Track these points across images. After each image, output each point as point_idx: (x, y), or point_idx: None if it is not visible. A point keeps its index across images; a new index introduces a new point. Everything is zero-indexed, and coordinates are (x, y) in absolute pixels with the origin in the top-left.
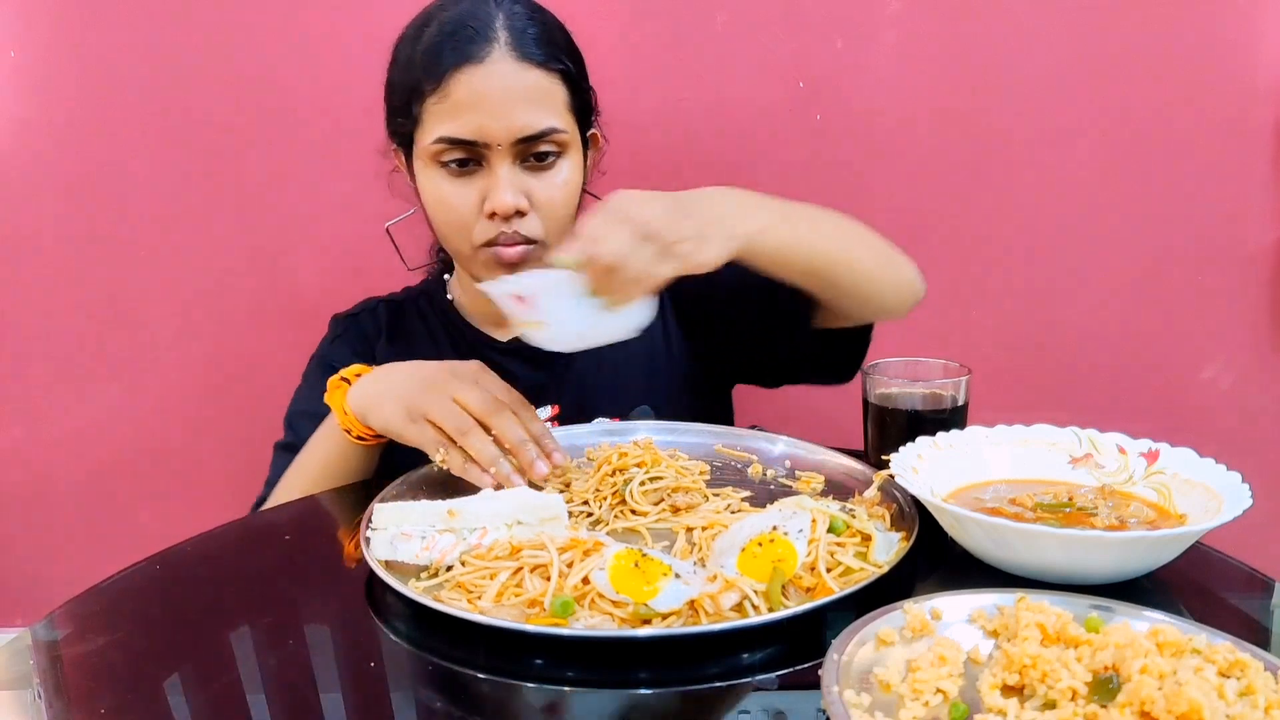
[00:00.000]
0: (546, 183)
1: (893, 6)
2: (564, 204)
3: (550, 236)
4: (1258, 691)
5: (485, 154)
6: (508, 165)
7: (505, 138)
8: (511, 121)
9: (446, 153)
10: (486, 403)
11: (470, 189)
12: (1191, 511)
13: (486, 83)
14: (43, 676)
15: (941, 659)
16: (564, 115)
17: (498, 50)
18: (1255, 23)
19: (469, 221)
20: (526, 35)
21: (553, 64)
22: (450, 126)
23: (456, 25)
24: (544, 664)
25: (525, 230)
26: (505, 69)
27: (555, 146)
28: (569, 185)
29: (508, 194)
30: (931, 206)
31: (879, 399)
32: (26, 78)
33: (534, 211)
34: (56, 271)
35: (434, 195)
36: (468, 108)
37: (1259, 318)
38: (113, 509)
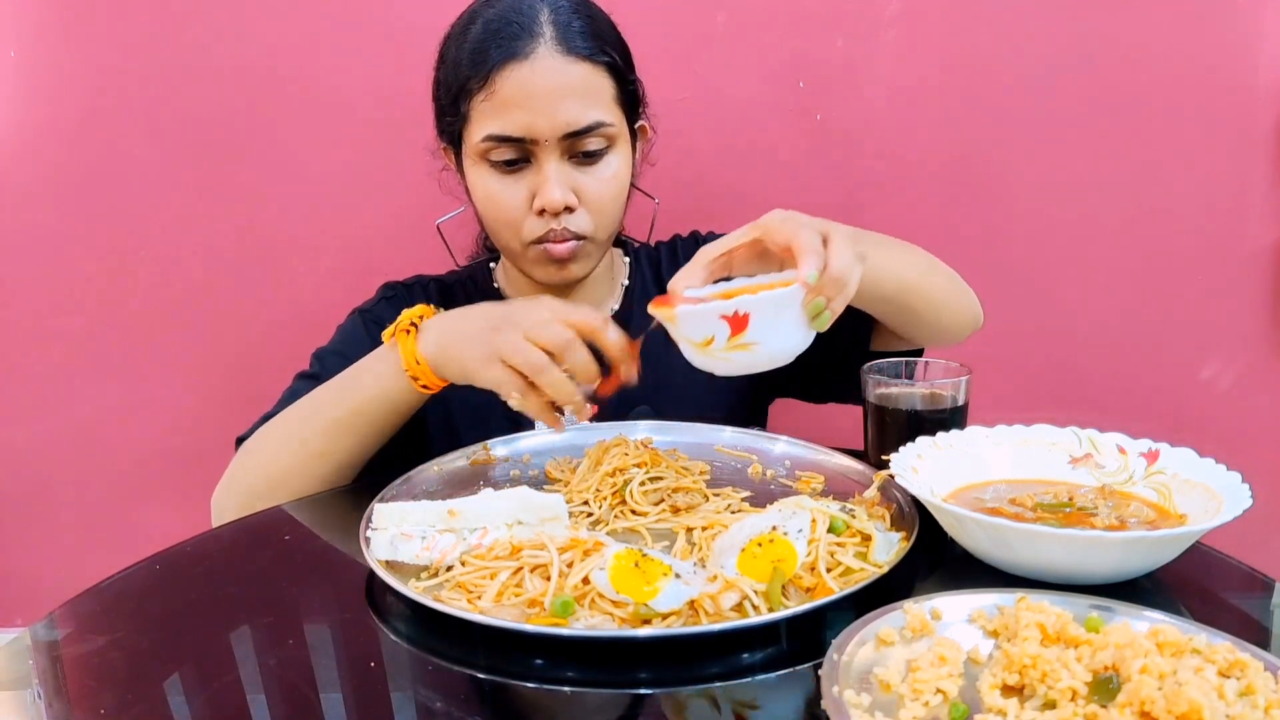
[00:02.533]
0: (595, 177)
1: (893, 6)
2: (613, 198)
3: (599, 232)
4: (1258, 691)
5: (533, 150)
6: (555, 161)
7: (552, 134)
8: (558, 117)
9: (495, 150)
10: (556, 336)
11: (519, 186)
12: (1191, 511)
13: (532, 79)
14: (43, 676)
15: (941, 659)
16: (611, 108)
17: (543, 46)
18: (1255, 23)
19: (518, 219)
20: (571, 29)
21: (599, 57)
22: (497, 124)
23: (501, 22)
24: (544, 664)
25: (574, 226)
26: (550, 64)
27: (603, 140)
28: (618, 179)
29: (556, 190)
30: (931, 206)
31: (879, 399)
32: (26, 78)
33: (583, 207)
34: (57, 271)
35: (483, 193)
36: (514, 105)
37: (1259, 318)
38: (113, 509)
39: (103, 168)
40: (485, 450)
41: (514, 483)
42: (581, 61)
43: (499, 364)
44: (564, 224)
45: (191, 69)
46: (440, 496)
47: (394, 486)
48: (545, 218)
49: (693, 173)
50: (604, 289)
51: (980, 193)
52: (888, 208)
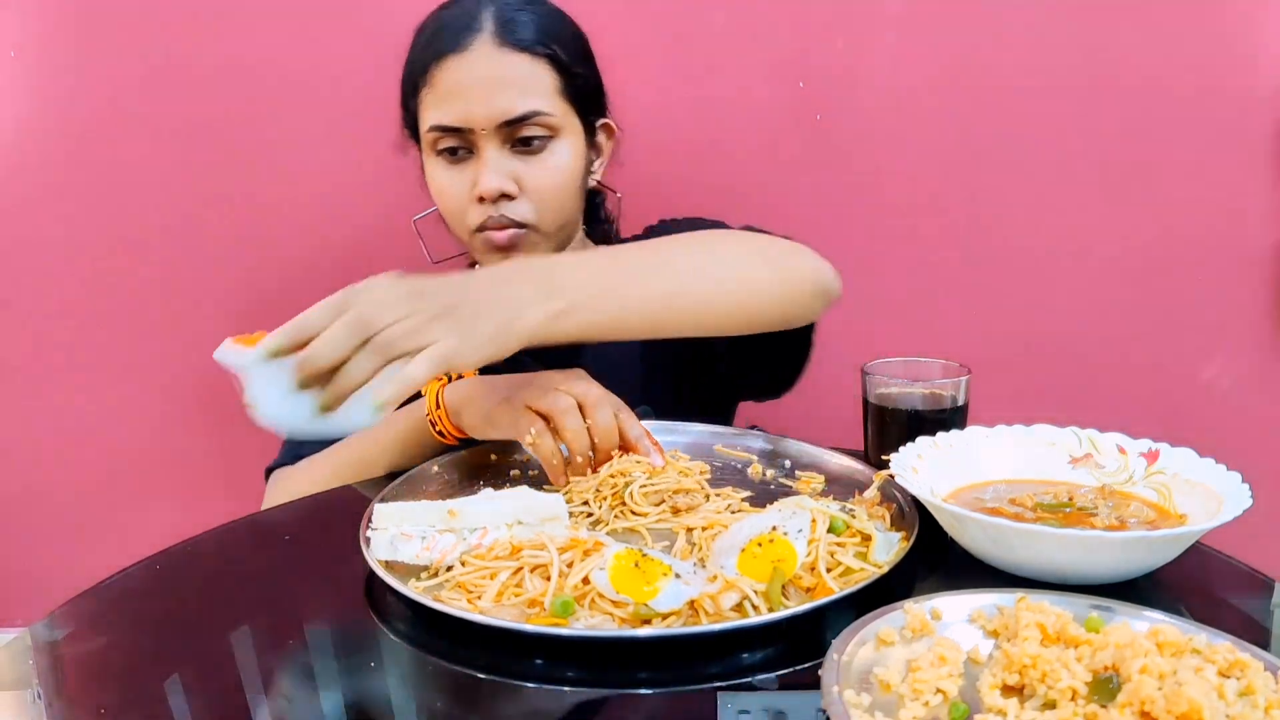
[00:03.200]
0: (537, 167)
1: (893, 6)
2: (556, 188)
3: (543, 222)
4: (1257, 691)
5: (474, 140)
6: (494, 149)
7: (488, 122)
8: (493, 105)
9: (440, 141)
10: (590, 393)
11: (463, 175)
12: (1191, 511)
13: (469, 70)
14: (43, 676)
15: (941, 659)
16: (552, 99)
17: (480, 39)
18: (1256, 24)
19: (463, 207)
20: (513, 23)
21: (539, 49)
22: (438, 114)
23: (449, 19)
24: (544, 664)
25: (513, 214)
26: (486, 56)
27: (544, 130)
28: (561, 170)
29: (492, 177)
30: (931, 206)
31: (879, 399)
32: (26, 78)
33: (524, 196)
34: (56, 272)
35: (434, 183)
36: (453, 95)
37: (1259, 318)
38: (113, 509)
39: (102, 168)
40: (485, 450)
41: (514, 483)
42: (519, 53)
43: (522, 407)
44: (502, 211)
45: (191, 70)
46: (440, 496)
47: (394, 486)
48: (485, 205)
49: (693, 173)
50: None
51: (980, 192)
52: (887, 207)
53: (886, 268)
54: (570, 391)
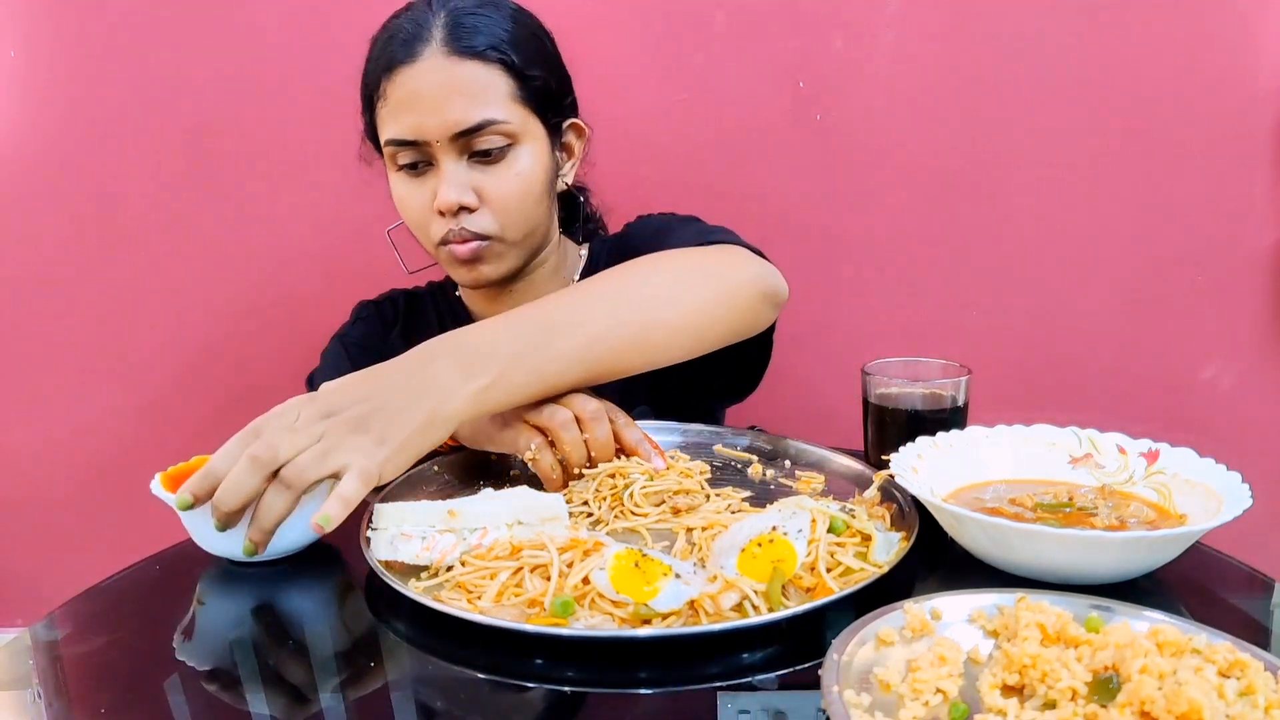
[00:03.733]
0: (497, 177)
1: (893, 6)
2: (518, 197)
3: (507, 232)
4: (1258, 691)
5: (431, 152)
6: (452, 161)
7: (442, 134)
8: (446, 116)
9: (398, 154)
10: (586, 407)
11: (423, 188)
12: (1191, 511)
13: (418, 80)
14: (43, 676)
15: (941, 659)
16: (507, 106)
17: (429, 48)
18: (1255, 23)
19: (425, 220)
20: (462, 29)
21: (490, 54)
22: (393, 128)
23: (398, 29)
24: (544, 664)
25: (475, 227)
26: (435, 65)
27: (501, 138)
28: (523, 177)
29: (450, 190)
30: (931, 206)
31: (879, 399)
32: (26, 78)
33: (485, 206)
34: (56, 271)
35: (397, 197)
36: (405, 108)
37: (1259, 318)
38: (113, 509)
39: (103, 168)
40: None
41: (514, 483)
42: (469, 60)
43: (518, 420)
44: (463, 224)
45: (190, 70)
46: (440, 496)
47: (394, 486)
48: (446, 218)
49: (693, 173)
50: (552, 286)
51: (980, 192)
52: (887, 208)
53: (886, 268)
54: (568, 404)
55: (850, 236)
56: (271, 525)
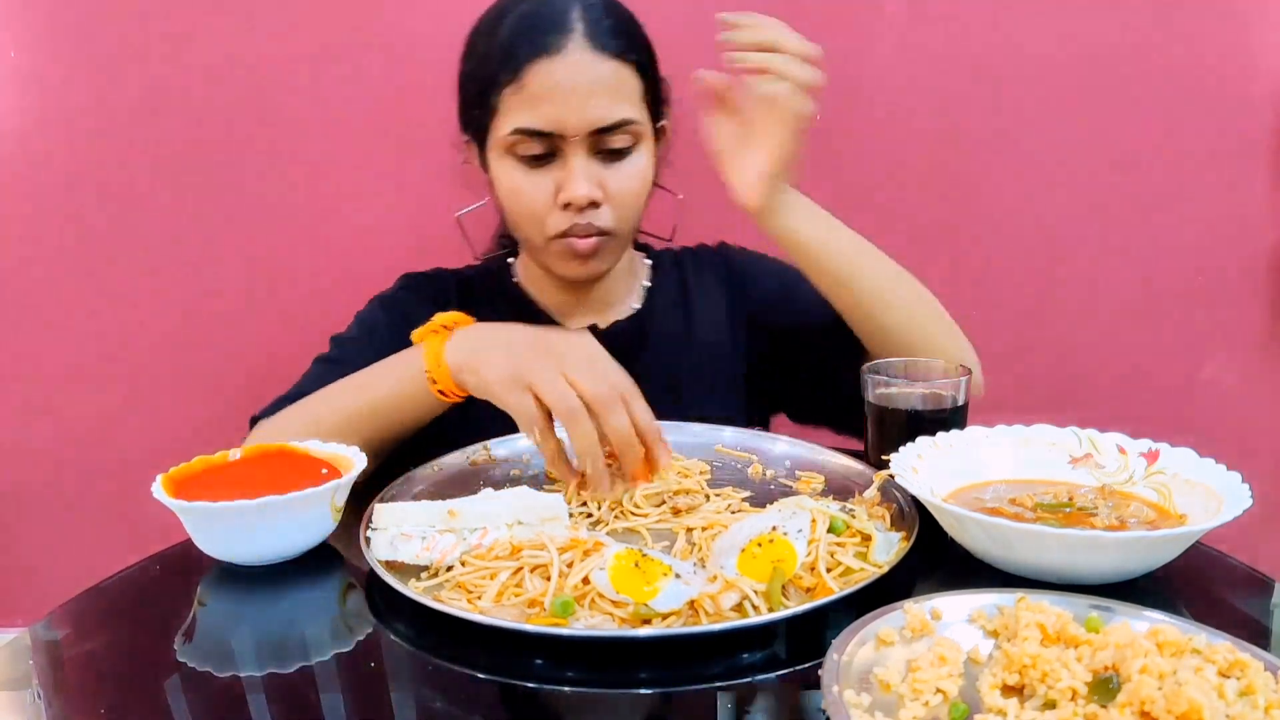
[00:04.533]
0: (621, 174)
1: (893, 6)
2: (637, 195)
3: (621, 227)
4: (1257, 691)
5: (560, 145)
6: (582, 156)
7: (581, 129)
8: (587, 113)
9: (522, 144)
10: (600, 389)
11: (545, 180)
12: (1191, 511)
13: (563, 74)
14: (43, 676)
15: (941, 659)
16: (638, 106)
17: (574, 41)
18: (1255, 26)
19: (543, 213)
20: (602, 26)
21: (628, 55)
22: (526, 118)
23: (533, 17)
24: (544, 664)
25: (599, 222)
26: (581, 60)
27: (630, 138)
28: (642, 176)
29: (583, 185)
30: (931, 207)
31: (879, 399)
32: (26, 78)
33: (607, 203)
34: (57, 271)
35: (508, 186)
36: (544, 99)
37: (1259, 318)
38: (113, 509)
39: (103, 168)
40: (485, 450)
41: (514, 483)
42: (611, 59)
43: (527, 393)
44: (588, 219)
45: (190, 69)
46: (440, 496)
47: (394, 486)
48: (570, 212)
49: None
50: (623, 287)
51: (980, 192)
52: (888, 208)
53: None
54: (577, 384)
55: None
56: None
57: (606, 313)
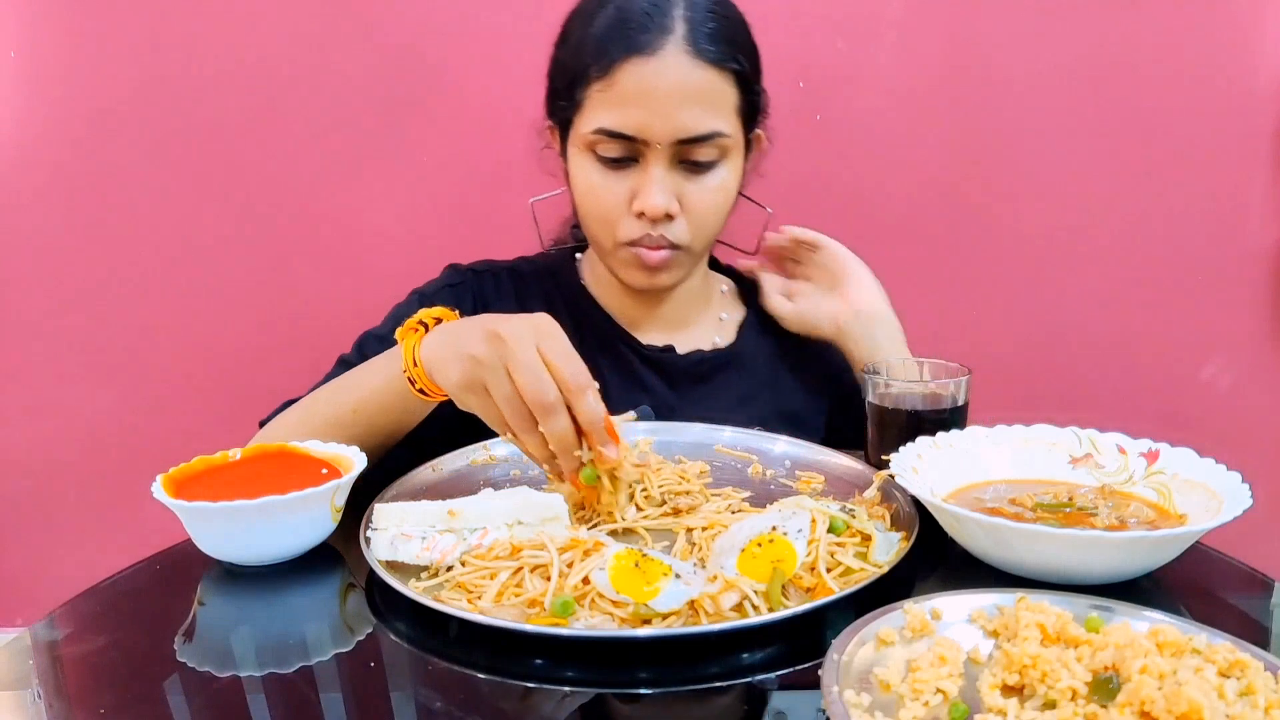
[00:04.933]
0: (701, 187)
1: (893, 7)
2: (716, 210)
3: (696, 242)
4: (1258, 691)
5: (642, 150)
6: (663, 166)
7: (666, 137)
8: (675, 121)
9: (603, 144)
10: (540, 393)
11: (621, 183)
12: (1192, 511)
13: (655, 77)
14: (43, 676)
15: (941, 659)
16: (731, 118)
17: (672, 44)
18: (1256, 24)
19: (615, 217)
20: (704, 30)
21: (727, 63)
22: (611, 118)
23: (633, 11)
24: (544, 664)
25: (672, 235)
26: (677, 65)
27: (716, 151)
28: (724, 191)
29: (659, 196)
30: (931, 207)
31: (879, 399)
32: (26, 78)
33: (683, 216)
34: (57, 271)
35: (584, 184)
36: (632, 101)
37: (1259, 318)
38: (113, 509)
39: (104, 168)
40: (485, 450)
41: (514, 483)
42: (709, 67)
43: (485, 395)
44: (661, 230)
45: (191, 68)
46: (440, 497)
47: (394, 487)
48: (643, 221)
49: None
50: (697, 308)
51: (980, 193)
52: (888, 208)
53: (886, 268)
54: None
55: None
56: None
57: (679, 335)
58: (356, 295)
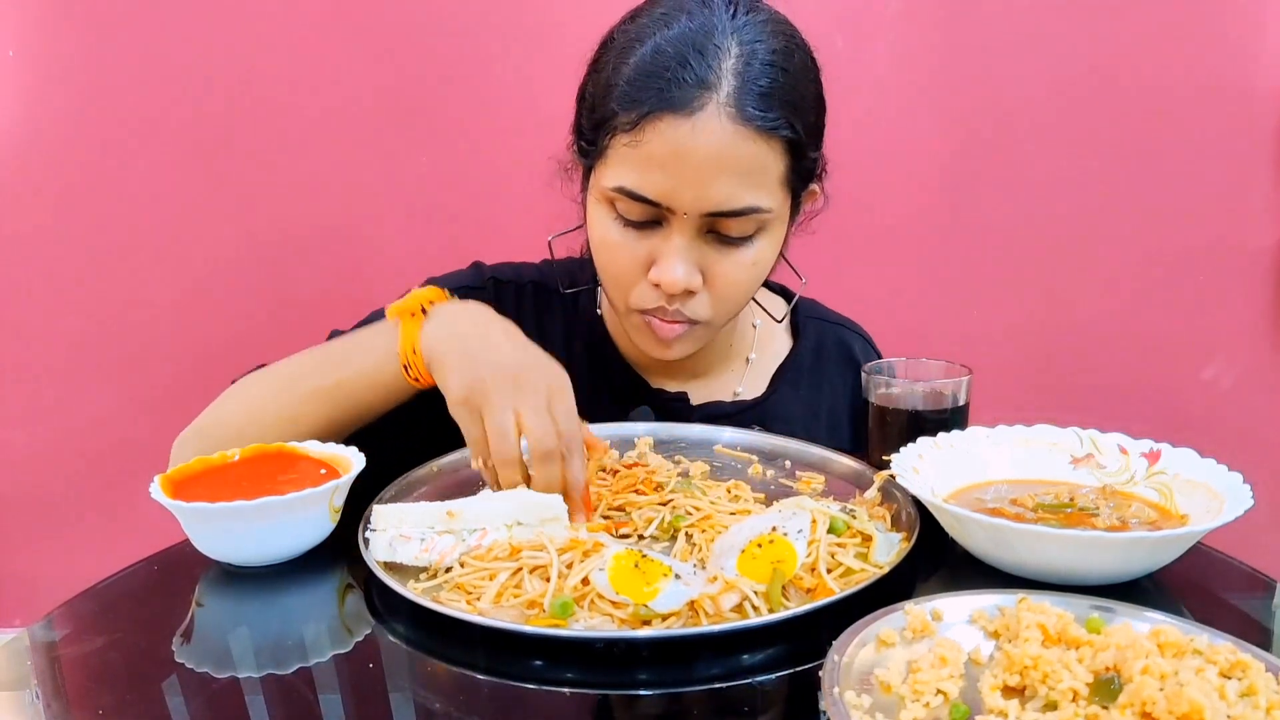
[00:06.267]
0: (731, 261)
1: (893, 6)
2: (744, 286)
3: (717, 318)
4: (1259, 692)
5: (667, 216)
6: (689, 237)
7: (695, 209)
8: (707, 193)
9: (623, 203)
10: (543, 441)
11: (640, 245)
12: (1193, 512)
13: (689, 142)
14: (41, 677)
15: (942, 660)
16: (774, 191)
17: (713, 104)
18: (1256, 25)
19: (630, 281)
20: (755, 87)
21: (779, 130)
22: (634, 179)
23: (673, 58)
24: (543, 665)
25: (690, 311)
26: (716, 130)
27: (752, 226)
28: (758, 267)
29: (679, 268)
30: (931, 207)
31: (880, 399)
32: (26, 78)
33: (707, 289)
34: (56, 271)
35: (600, 238)
36: (659, 165)
37: (1260, 318)
38: (113, 509)
39: (103, 167)
40: None
41: None
42: (755, 135)
43: (476, 415)
44: (677, 305)
45: (190, 68)
46: (439, 497)
47: (392, 487)
48: (659, 292)
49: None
50: (715, 353)
51: (980, 193)
52: (888, 208)
53: (887, 268)
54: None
55: (850, 237)
56: None
57: (695, 383)
58: (358, 297)
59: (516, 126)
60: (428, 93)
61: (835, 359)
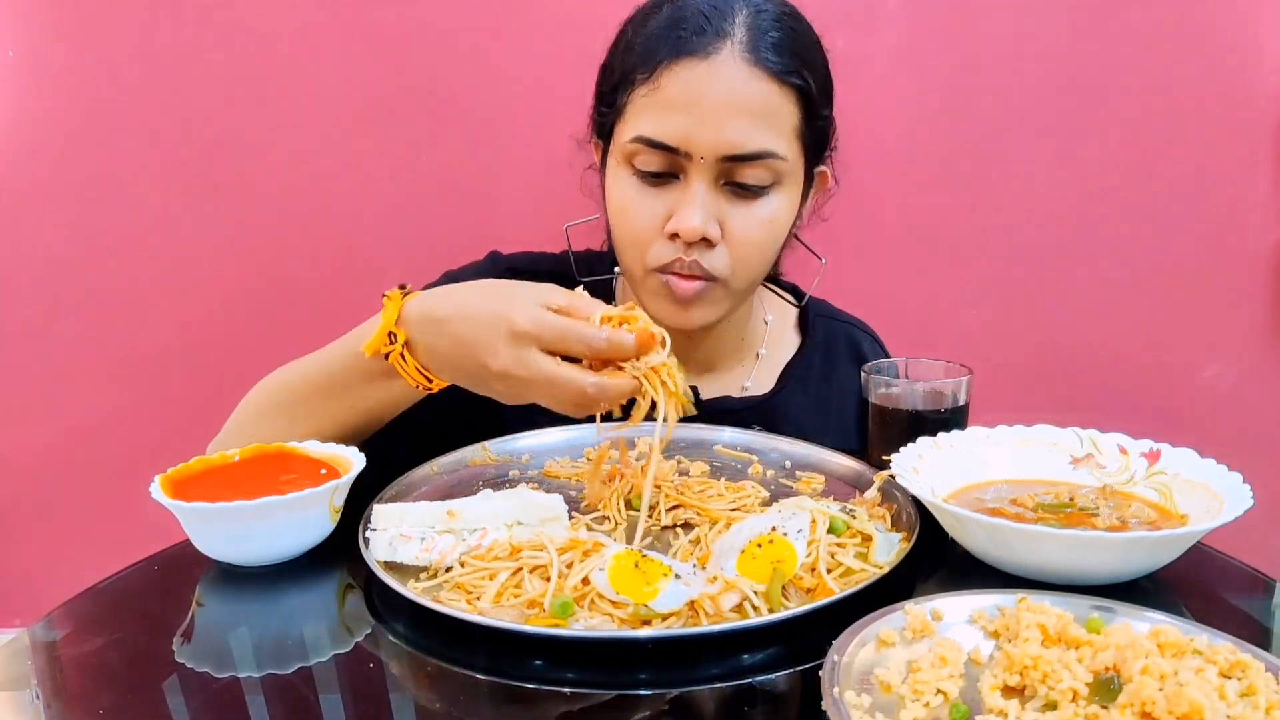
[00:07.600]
0: (748, 214)
1: (893, 6)
2: (762, 243)
3: (736, 278)
4: (1259, 692)
5: (685, 165)
6: (706, 184)
7: (711, 151)
8: (722, 133)
9: (642, 155)
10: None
11: (658, 202)
12: (1193, 512)
13: (706, 83)
14: (41, 677)
15: (942, 660)
16: (788, 140)
17: (728, 48)
18: (1256, 25)
19: (647, 238)
20: (768, 38)
21: (789, 77)
22: (652, 125)
23: (690, 12)
24: (544, 665)
25: (708, 263)
26: (731, 71)
27: (768, 174)
28: (774, 223)
29: (697, 215)
30: (932, 207)
31: (880, 399)
32: (26, 78)
33: (724, 243)
34: (56, 271)
35: (618, 200)
36: (677, 107)
37: (1259, 318)
38: (113, 509)
39: (103, 168)
40: (484, 450)
41: (513, 483)
42: (767, 78)
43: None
44: (695, 257)
45: (190, 68)
46: (439, 497)
47: (393, 487)
48: (676, 243)
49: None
50: (726, 346)
51: (980, 193)
52: (888, 208)
53: (887, 268)
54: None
55: (851, 237)
56: None
57: (706, 377)
58: (358, 297)
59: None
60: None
61: (844, 357)
